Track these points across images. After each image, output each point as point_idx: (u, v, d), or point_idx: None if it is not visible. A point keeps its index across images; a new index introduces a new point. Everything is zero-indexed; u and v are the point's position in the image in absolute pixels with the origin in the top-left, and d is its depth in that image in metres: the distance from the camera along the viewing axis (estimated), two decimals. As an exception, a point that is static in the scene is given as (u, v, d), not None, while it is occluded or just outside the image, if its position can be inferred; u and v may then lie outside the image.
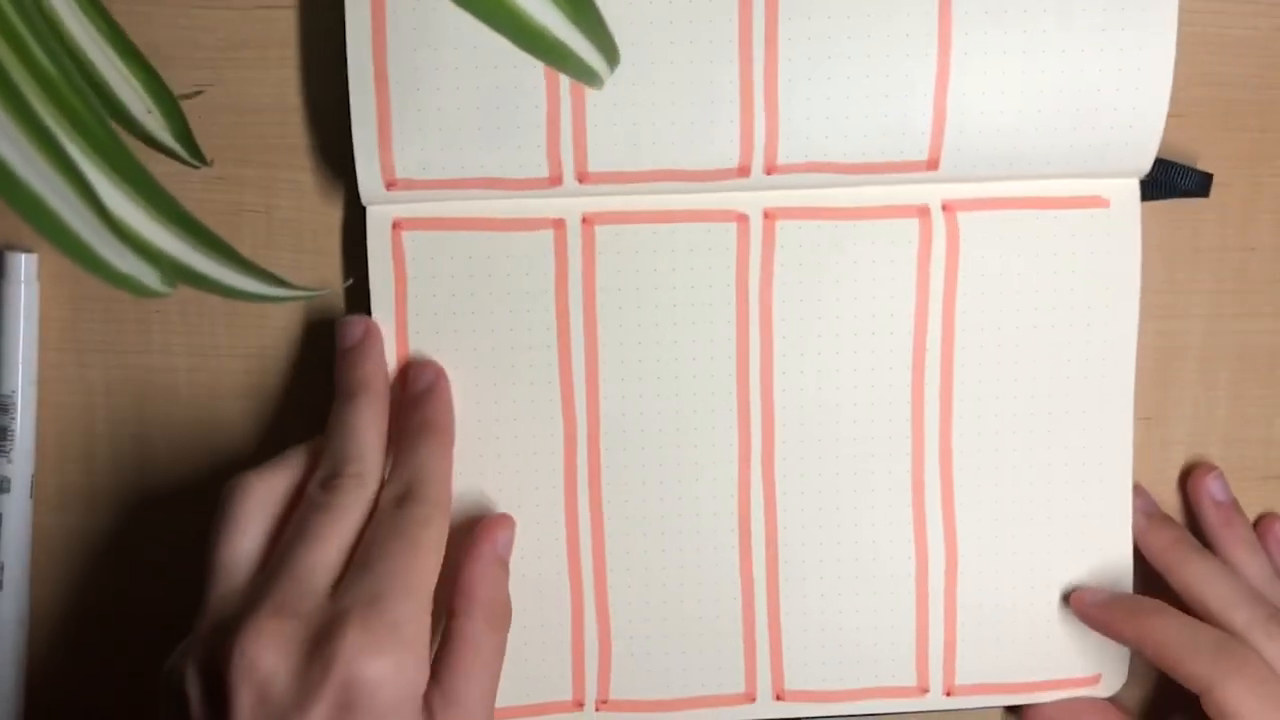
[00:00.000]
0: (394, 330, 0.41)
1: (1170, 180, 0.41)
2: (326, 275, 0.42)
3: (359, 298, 0.41)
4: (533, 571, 0.42)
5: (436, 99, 0.38)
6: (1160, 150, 0.41)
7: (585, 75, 0.29)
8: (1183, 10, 0.41)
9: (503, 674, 0.42)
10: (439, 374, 0.41)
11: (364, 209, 0.40)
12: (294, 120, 0.41)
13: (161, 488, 0.43)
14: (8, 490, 0.41)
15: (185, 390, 0.42)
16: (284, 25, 0.41)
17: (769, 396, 0.41)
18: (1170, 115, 0.42)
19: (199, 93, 0.40)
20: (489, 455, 0.41)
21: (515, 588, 0.42)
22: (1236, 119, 0.43)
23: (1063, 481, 0.42)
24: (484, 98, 0.38)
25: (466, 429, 0.41)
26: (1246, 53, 0.42)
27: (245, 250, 0.32)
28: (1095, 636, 0.42)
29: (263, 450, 0.42)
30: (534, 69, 0.38)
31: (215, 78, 0.41)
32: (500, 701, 0.42)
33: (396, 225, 0.40)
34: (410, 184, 0.39)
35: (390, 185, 0.39)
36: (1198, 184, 0.42)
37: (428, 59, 0.38)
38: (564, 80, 0.38)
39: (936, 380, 0.42)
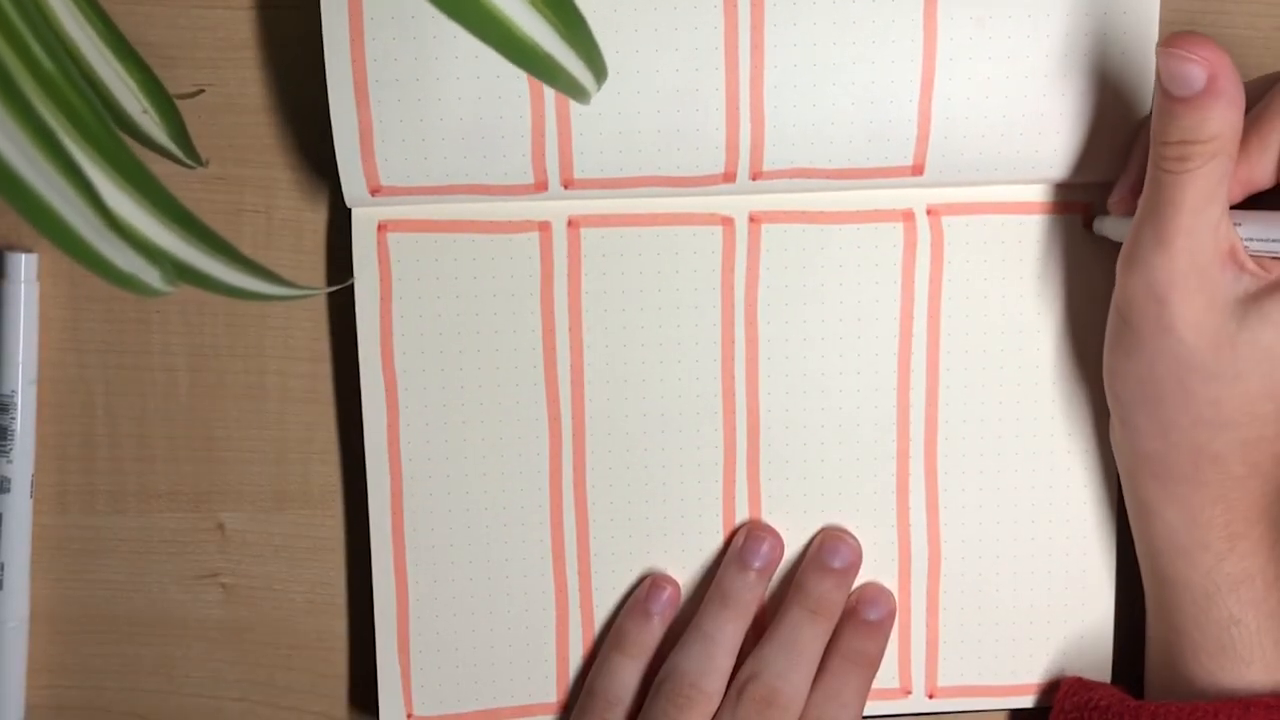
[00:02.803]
0: (379, 332, 0.41)
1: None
2: (327, 275, 0.42)
3: (346, 298, 0.41)
4: (517, 574, 0.42)
5: (419, 108, 0.38)
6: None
7: (573, 90, 0.29)
8: (1183, 10, 0.41)
9: (487, 675, 0.42)
10: (892, 612, 0.42)
11: (350, 210, 0.40)
12: (294, 121, 0.41)
13: (161, 488, 0.43)
14: (8, 490, 0.41)
15: (185, 390, 0.42)
16: (284, 25, 0.41)
17: (754, 399, 0.41)
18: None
19: (200, 91, 0.40)
20: (473, 457, 0.41)
21: (499, 590, 0.42)
22: (1236, 119, 0.43)
23: (1046, 486, 0.42)
24: (467, 107, 0.38)
25: (450, 431, 0.41)
26: (1246, 53, 0.42)
27: (245, 250, 0.32)
28: (1079, 640, 0.42)
29: (263, 450, 0.42)
30: (518, 77, 0.38)
31: (215, 78, 0.41)
32: (484, 703, 0.42)
33: (382, 227, 0.40)
34: (394, 190, 0.39)
35: (375, 192, 0.39)
36: None
37: (410, 69, 0.38)
38: (548, 88, 0.38)
39: (922, 383, 0.42)
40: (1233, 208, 0.36)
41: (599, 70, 0.29)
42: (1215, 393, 0.35)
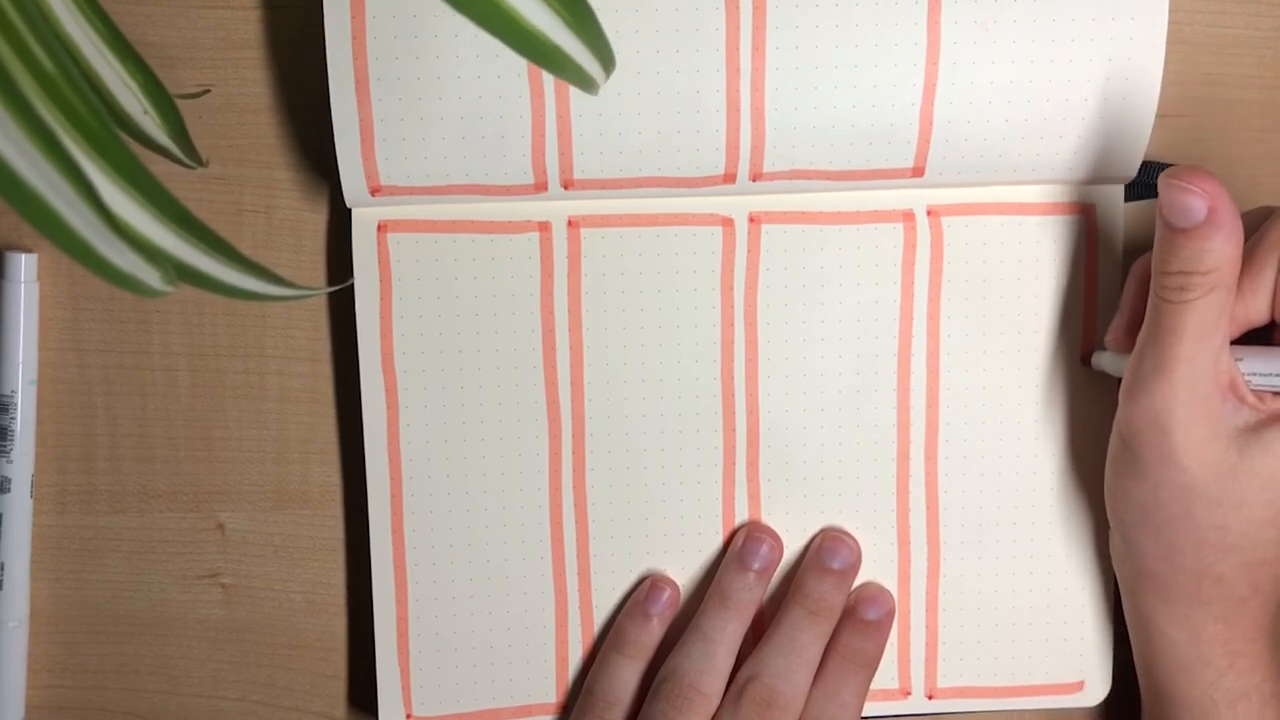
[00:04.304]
0: (378, 332, 0.41)
1: (1157, 180, 0.41)
2: (327, 275, 0.42)
3: (346, 298, 0.41)
4: (516, 573, 0.42)
5: (420, 108, 0.38)
6: (1155, 150, 0.41)
7: (581, 80, 0.29)
8: (1183, 10, 0.41)
9: (486, 675, 0.42)
10: (890, 612, 0.42)
11: (350, 210, 0.40)
12: (293, 121, 0.41)
13: (161, 488, 0.43)
14: (8, 490, 0.41)
15: (185, 390, 0.42)
16: (284, 25, 0.41)
17: (754, 399, 0.41)
18: (1170, 115, 0.42)
19: (205, 91, 0.40)
20: (473, 457, 0.41)
21: (499, 590, 0.42)
22: (1236, 119, 0.43)
23: (1048, 488, 0.42)
24: (468, 107, 0.38)
25: (450, 431, 0.41)
26: (1246, 53, 0.42)
27: (245, 250, 0.32)
28: (1079, 642, 0.43)
29: (263, 450, 0.42)
30: (518, 78, 0.38)
31: (215, 78, 0.41)
32: (483, 703, 0.42)
33: (382, 228, 0.40)
34: (394, 190, 0.39)
35: (375, 192, 0.39)
36: None
37: (410, 69, 0.38)
38: (549, 89, 0.38)
39: (922, 383, 0.42)
40: (1232, 343, 0.36)
41: (607, 60, 0.29)
42: (1220, 519, 0.36)
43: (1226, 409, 0.36)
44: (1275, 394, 0.36)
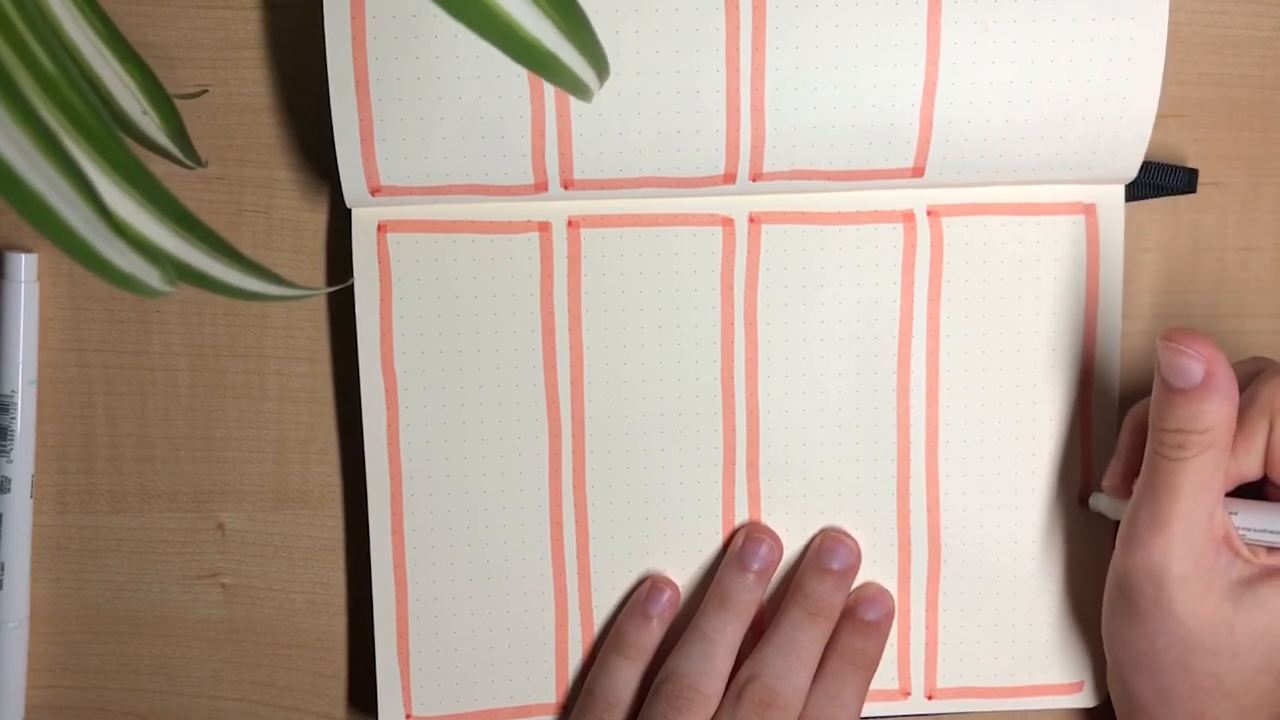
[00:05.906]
0: (379, 332, 0.41)
1: (1157, 180, 0.41)
2: (327, 275, 0.42)
3: (346, 298, 0.41)
4: (516, 573, 0.42)
5: (419, 108, 0.38)
6: (1154, 150, 0.41)
7: (576, 87, 0.29)
8: (1183, 10, 0.41)
9: (486, 675, 0.42)
10: (890, 612, 0.42)
11: (350, 210, 0.40)
12: (294, 121, 0.41)
13: (161, 488, 0.43)
14: (8, 490, 0.41)
15: (185, 390, 0.42)
16: (284, 25, 0.41)
17: (754, 399, 0.41)
18: (1170, 115, 0.42)
19: (203, 91, 0.40)
20: (473, 457, 0.41)
21: (499, 590, 0.42)
22: (1236, 119, 0.43)
23: (1047, 488, 0.42)
24: (468, 107, 0.38)
25: (450, 431, 0.41)
26: (1246, 53, 0.42)
27: (245, 250, 0.32)
28: (1079, 643, 0.43)
29: (263, 450, 0.42)
30: (518, 78, 0.38)
31: (215, 78, 0.41)
32: (483, 703, 0.42)
33: (382, 228, 0.40)
34: (394, 190, 0.39)
35: (375, 192, 0.39)
36: (1186, 182, 0.42)
37: (410, 69, 0.38)
38: (549, 89, 0.38)
39: (922, 383, 0.42)
40: (1227, 495, 0.37)
41: (601, 67, 0.29)
42: (1215, 668, 0.36)
43: (1221, 562, 0.36)
44: (1269, 549, 0.37)
